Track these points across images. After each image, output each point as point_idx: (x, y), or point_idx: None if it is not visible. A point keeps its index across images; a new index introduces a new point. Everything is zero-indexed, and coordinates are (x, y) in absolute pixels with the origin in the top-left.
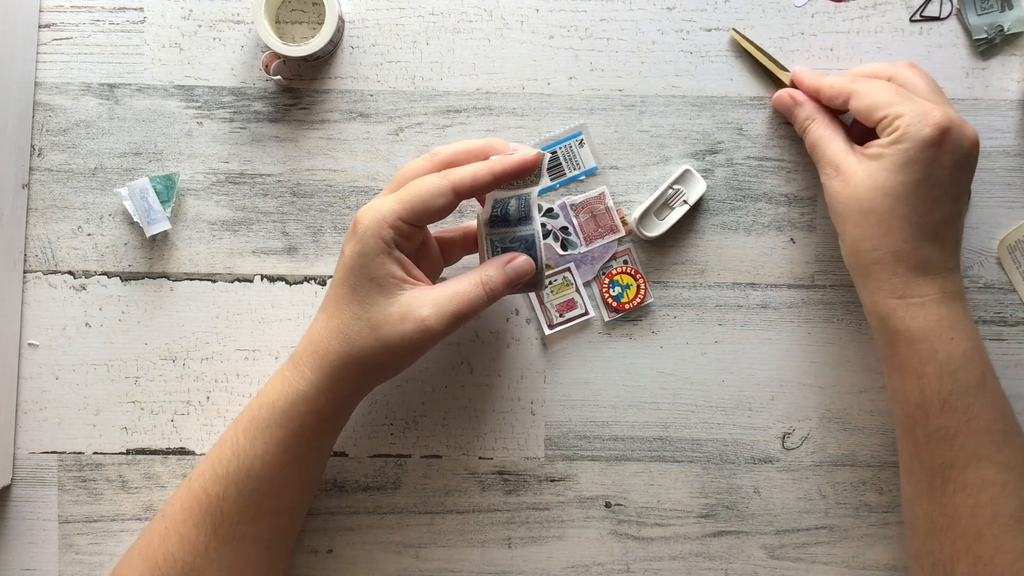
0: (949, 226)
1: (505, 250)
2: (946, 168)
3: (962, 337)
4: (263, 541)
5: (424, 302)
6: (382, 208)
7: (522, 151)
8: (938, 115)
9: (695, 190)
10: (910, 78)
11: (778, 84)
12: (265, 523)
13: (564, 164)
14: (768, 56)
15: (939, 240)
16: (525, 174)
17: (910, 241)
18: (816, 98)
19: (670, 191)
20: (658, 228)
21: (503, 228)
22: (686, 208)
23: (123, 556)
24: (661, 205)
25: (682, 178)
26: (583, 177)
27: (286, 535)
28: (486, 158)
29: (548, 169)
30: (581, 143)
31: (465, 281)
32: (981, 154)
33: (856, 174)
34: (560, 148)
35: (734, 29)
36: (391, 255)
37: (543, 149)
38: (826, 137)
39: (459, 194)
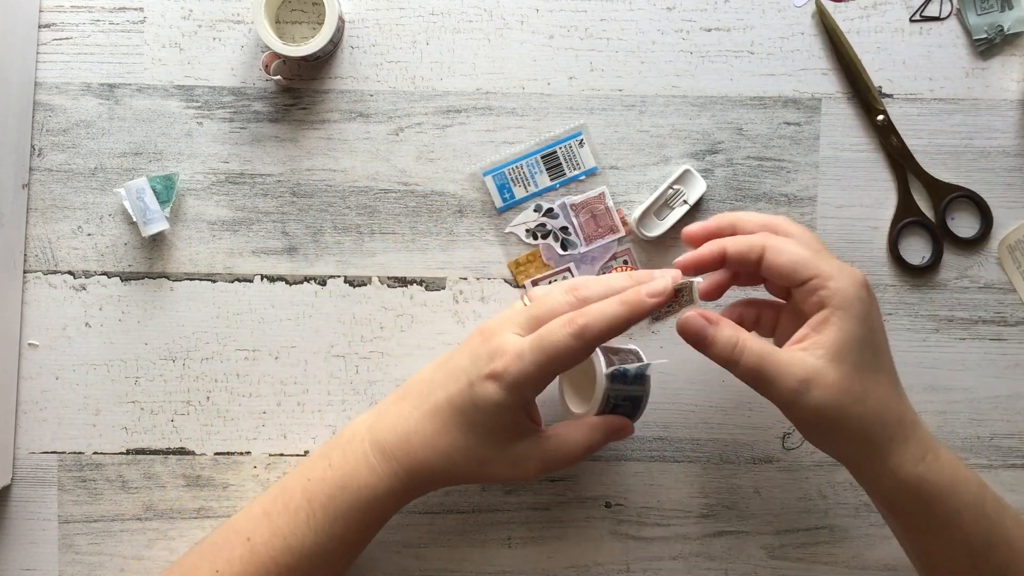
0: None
1: (616, 407)
2: (878, 315)
3: (964, 464)
4: None
5: (536, 454)
6: (527, 370)
7: (655, 283)
8: (859, 272)
9: (695, 190)
10: (796, 232)
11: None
12: None
13: (564, 164)
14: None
15: (900, 384)
16: (662, 307)
17: (900, 400)
18: (713, 258)
19: (670, 191)
20: (658, 228)
21: (620, 385)
22: (686, 208)
23: None
24: (661, 205)
25: (682, 178)
26: (583, 177)
27: None
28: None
29: (548, 169)
30: (581, 143)
31: (577, 443)
32: (981, 154)
33: (828, 372)
34: (560, 148)
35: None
36: (525, 410)
37: (544, 149)
38: (769, 353)
39: (591, 347)
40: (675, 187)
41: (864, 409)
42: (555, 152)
